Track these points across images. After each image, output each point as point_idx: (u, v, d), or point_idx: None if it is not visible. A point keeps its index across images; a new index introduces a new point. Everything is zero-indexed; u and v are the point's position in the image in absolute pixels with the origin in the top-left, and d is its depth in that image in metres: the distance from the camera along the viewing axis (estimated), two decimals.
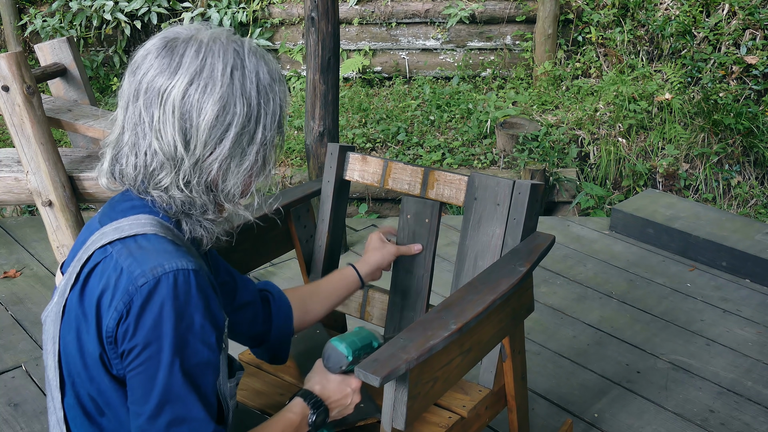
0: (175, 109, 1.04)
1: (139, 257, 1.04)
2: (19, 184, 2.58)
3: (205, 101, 1.05)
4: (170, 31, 1.10)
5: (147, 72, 1.06)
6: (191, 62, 1.05)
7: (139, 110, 1.06)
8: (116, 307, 1.02)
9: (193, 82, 1.04)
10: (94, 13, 5.70)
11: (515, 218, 1.60)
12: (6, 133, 5.18)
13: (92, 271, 1.07)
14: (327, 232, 1.90)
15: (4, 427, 2.26)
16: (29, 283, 3.12)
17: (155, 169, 1.08)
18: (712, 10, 5.08)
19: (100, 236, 1.09)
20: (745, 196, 4.33)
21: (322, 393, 1.28)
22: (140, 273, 1.02)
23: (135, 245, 1.06)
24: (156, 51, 1.06)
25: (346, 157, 1.87)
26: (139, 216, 1.10)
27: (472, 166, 4.51)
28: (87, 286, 1.07)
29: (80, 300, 1.08)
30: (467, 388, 1.64)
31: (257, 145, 1.11)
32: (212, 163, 1.08)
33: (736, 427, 2.27)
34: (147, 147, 1.07)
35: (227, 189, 1.11)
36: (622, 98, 4.73)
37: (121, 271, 1.03)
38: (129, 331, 1.02)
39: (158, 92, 1.05)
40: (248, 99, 1.08)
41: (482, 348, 1.44)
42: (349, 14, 5.57)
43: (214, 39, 1.08)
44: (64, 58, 2.87)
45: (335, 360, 1.29)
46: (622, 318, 2.85)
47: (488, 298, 1.36)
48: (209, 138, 1.06)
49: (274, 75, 1.13)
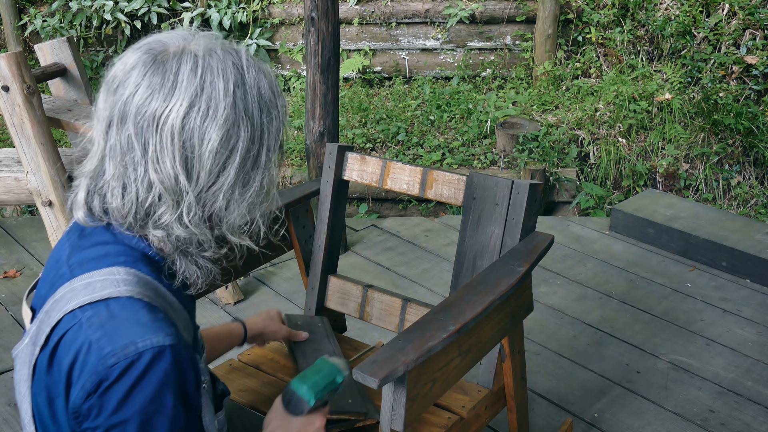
0: (174, 136, 0.93)
1: (109, 331, 0.92)
2: (19, 184, 2.58)
3: (209, 126, 0.94)
4: (154, 42, 0.97)
5: (134, 92, 0.93)
6: (189, 82, 0.93)
7: (128, 137, 0.94)
8: (83, 386, 0.92)
9: (194, 105, 0.93)
10: (94, 13, 5.70)
11: (514, 218, 1.60)
12: (6, 133, 5.18)
13: (62, 339, 0.96)
14: (326, 232, 1.90)
15: (4, 427, 2.26)
16: (29, 283, 3.12)
17: (153, 203, 0.96)
18: (712, 10, 5.08)
19: (69, 292, 0.97)
20: (745, 196, 4.33)
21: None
22: (110, 352, 0.90)
23: (106, 313, 0.93)
24: (142, 66, 0.94)
25: (344, 157, 1.87)
26: (112, 270, 0.97)
27: (472, 166, 4.51)
28: (56, 355, 0.96)
29: (49, 368, 0.97)
30: (467, 388, 1.64)
31: (261, 169, 1.01)
32: (216, 192, 0.98)
33: (736, 427, 2.26)
34: (140, 179, 0.95)
35: (231, 220, 1.01)
36: (622, 98, 4.73)
37: (90, 345, 0.92)
38: (93, 410, 0.92)
39: (153, 117, 0.93)
40: (251, 119, 0.98)
41: (481, 348, 1.44)
42: (349, 14, 5.57)
43: (210, 52, 0.96)
44: (64, 58, 2.87)
45: (296, 405, 1.21)
46: (622, 318, 2.85)
47: (487, 299, 1.36)
48: (213, 165, 0.96)
49: (274, 89, 1.03)
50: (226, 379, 1.67)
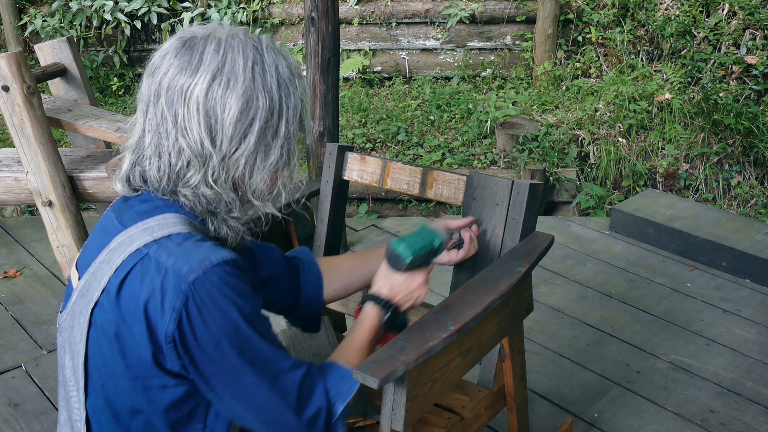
0: (199, 106, 1.05)
1: (181, 255, 1.04)
2: (19, 184, 2.58)
3: (229, 96, 1.06)
4: (187, 31, 1.11)
5: (167, 72, 1.07)
6: (212, 59, 1.06)
7: (162, 110, 1.07)
8: (173, 307, 1.02)
9: (216, 78, 1.05)
10: (94, 13, 5.70)
11: (514, 218, 1.60)
12: (6, 133, 5.18)
13: (128, 275, 1.06)
14: (326, 232, 1.90)
15: (4, 427, 2.26)
16: (29, 283, 3.12)
17: (182, 168, 1.09)
18: (712, 10, 5.08)
19: (128, 239, 1.08)
20: (745, 196, 4.33)
21: (390, 292, 1.34)
22: (189, 269, 1.02)
23: (172, 244, 1.06)
24: (174, 51, 1.07)
25: (344, 157, 1.87)
26: (166, 215, 1.10)
27: (472, 166, 4.51)
28: (123, 290, 1.06)
29: (117, 305, 1.06)
30: (467, 388, 1.64)
31: (281, 139, 1.12)
32: (239, 158, 1.09)
33: (736, 427, 2.27)
34: (172, 146, 1.08)
35: (254, 185, 1.13)
36: (622, 98, 4.73)
37: (166, 271, 1.03)
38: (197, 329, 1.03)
39: (181, 90, 1.05)
40: (270, 93, 1.09)
41: (481, 348, 1.44)
42: (349, 14, 5.57)
43: (233, 36, 1.09)
44: (64, 58, 2.87)
45: (395, 262, 1.35)
46: (622, 318, 2.85)
47: (487, 299, 1.36)
48: (234, 133, 1.07)
49: (293, 69, 1.13)
50: None
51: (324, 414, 1.14)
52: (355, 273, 1.53)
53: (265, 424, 1.12)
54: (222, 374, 1.07)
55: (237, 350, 1.06)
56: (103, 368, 1.11)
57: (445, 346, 1.25)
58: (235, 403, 1.10)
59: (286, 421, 1.11)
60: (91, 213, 4.14)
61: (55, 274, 3.18)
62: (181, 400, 1.11)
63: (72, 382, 1.16)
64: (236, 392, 1.09)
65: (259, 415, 1.11)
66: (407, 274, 1.37)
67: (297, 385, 1.12)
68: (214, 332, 1.04)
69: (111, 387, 1.12)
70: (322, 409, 1.14)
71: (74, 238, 2.60)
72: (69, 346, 1.16)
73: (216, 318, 1.03)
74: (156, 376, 1.08)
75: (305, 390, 1.13)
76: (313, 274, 1.49)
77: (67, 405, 1.19)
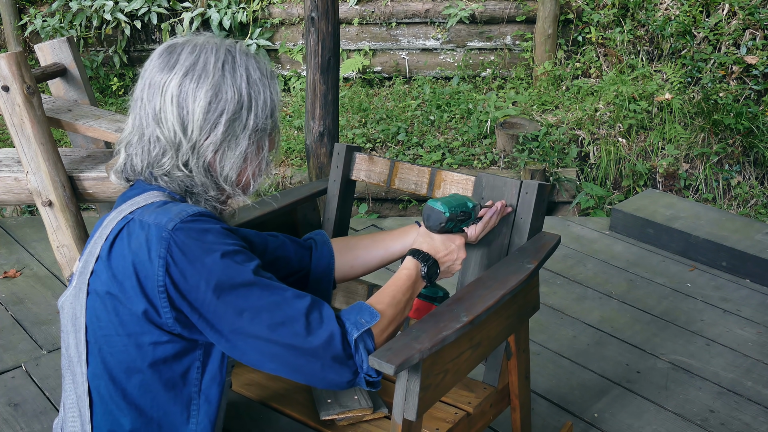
0: (173, 98, 1.16)
1: (161, 212, 1.14)
2: (19, 184, 2.58)
3: (199, 89, 1.16)
4: (172, 40, 1.24)
5: (150, 71, 1.19)
6: (186, 58, 1.18)
7: (144, 105, 1.19)
8: (159, 255, 1.11)
9: (188, 74, 1.17)
10: (94, 13, 5.70)
11: (522, 217, 1.62)
12: (6, 133, 5.18)
13: (116, 238, 1.16)
14: (332, 231, 1.91)
15: (4, 427, 2.26)
16: (29, 283, 3.12)
17: (158, 154, 1.20)
18: (712, 10, 5.08)
19: (117, 214, 1.19)
20: (745, 196, 4.33)
21: (430, 249, 1.42)
22: (168, 220, 1.12)
23: (154, 206, 1.16)
24: (158, 55, 1.20)
25: (352, 157, 1.88)
26: (151, 192, 1.21)
27: (472, 166, 4.51)
28: (113, 252, 1.15)
29: (108, 267, 1.15)
30: (473, 385, 1.65)
31: (249, 131, 1.21)
32: (208, 146, 1.19)
33: (736, 427, 2.27)
34: (150, 135, 1.19)
35: (224, 172, 1.22)
36: (622, 98, 4.73)
37: (149, 226, 1.13)
38: (185, 271, 1.10)
39: (159, 85, 1.17)
40: (239, 89, 1.19)
41: (491, 343, 1.46)
42: (349, 14, 5.57)
43: (208, 41, 1.21)
44: (64, 58, 2.87)
45: (435, 218, 1.41)
46: (622, 318, 2.85)
47: (498, 293, 1.38)
48: (204, 123, 1.18)
49: (263, 71, 1.23)
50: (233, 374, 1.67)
51: (339, 338, 1.15)
52: (373, 251, 1.57)
53: (275, 358, 1.14)
54: (220, 313, 1.12)
55: (229, 286, 1.11)
56: (99, 331, 1.17)
57: (458, 338, 1.27)
58: (241, 342, 1.13)
59: (294, 350, 1.13)
60: (91, 213, 4.14)
61: (55, 274, 3.18)
62: (173, 359, 1.16)
63: (76, 358, 1.21)
64: (238, 329, 1.12)
65: (266, 351, 1.13)
66: (445, 235, 1.44)
67: (303, 313, 1.14)
68: (201, 271, 1.10)
69: (106, 349, 1.17)
70: (335, 333, 1.15)
71: (74, 238, 2.60)
72: (72, 324, 1.21)
73: (200, 257, 1.11)
74: (148, 332, 1.14)
75: (313, 317, 1.15)
76: (325, 253, 1.53)
77: (73, 381, 1.22)
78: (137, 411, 1.18)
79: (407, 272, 1.35)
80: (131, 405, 1.18)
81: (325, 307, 1.18)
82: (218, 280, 1.11)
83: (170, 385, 1.18)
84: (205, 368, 1.20)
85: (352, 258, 1.56)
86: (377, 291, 1.31)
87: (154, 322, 1.13)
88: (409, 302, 1.32)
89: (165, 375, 1.17)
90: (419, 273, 1.37)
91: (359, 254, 1.56)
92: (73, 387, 1.23)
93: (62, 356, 1.26)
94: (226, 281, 1.11)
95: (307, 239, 1.55)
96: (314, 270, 1.52)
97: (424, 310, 1.49)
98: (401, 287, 1.32)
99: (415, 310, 1.49)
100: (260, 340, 1.13)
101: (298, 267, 1.50)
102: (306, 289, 1.52)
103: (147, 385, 1.17)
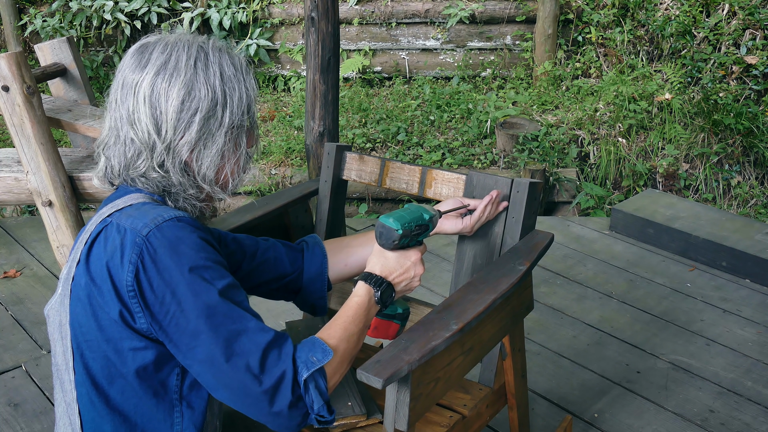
0: (145, 98, 1.15)
1: (138, 216, 1.13)
2: (19, 184, 2.58)
3: (171, 88, 1.15)
4: (144, 38, 1.21)
5: (123, 72, 1.18)
6: (158, 57, 1.16)
7: (118, 106, 1.18)
8: (130, 260, 1.09)
9: (160, 73, 1.15)
10: (94, 13, 5.70)
11: (514, 216, 1.60)
12: (6, 133, 5.18)
13: (94, 241, 1.15)
14: (325, 232, 1.90)
15: (4, 427, 2.26)
16: (29, 283, 3.12)
17: (133, 156, 1.18)
18: (712, 10, 5.08)
19: (97, 217, 1.19)
20: (745, 196, 4.33)
21: (383, 271, 1.33)
22: (143, 225, 1.11)
23: (132, 209, 1.15)
24: (131, 54, 1.19)
25: (343, 156, 1.87)
26: (131, 195, 1.20)
27: (472, 166, 4.51)
28: (91, 256, 1.14)
29: (87, 270, 1.14)
30: (468, 387, 1.64)
31: (225, 128, 1.19)
32: (183, 146, 1.18)
33: (736, 427, 2.26)
34: (125, 137, 1.18)
35: (202, 171, 1.21)
36: (622, 98, 4.73)
37: (125, 230, 1.11)
38: (152, 280, 1.09)
39: (131, 86, 1.16)
40: (212, 86, 1.17)
41: (483, 347, 1.44)
42: (349, 14, 5.57)
43: (180, 38, 1.19)
44: (64, 58, 2.87)
45: (387, 236, 1.33)
46: (622, 318, 2.85)
47: (488, 298, 1.36)
48: (178, 122, 1.16)
49: (238, 67, 1.21)
50: None
51: (290, 380, 1.11)
52: (368, 247, 1.55)
53: (226, 387, 1.10)
54: (180, 329, 1.09)
55: (192, 303, 1.09)
56: (81, 337, 1.15)
57: (448, 346, 1.25)
58: (196, 363, 1.10)
59: (245, 385, 1.09)
60: (91, 213, 4.14)
61: (55, 274, 3.18)
62: (152, 365, 1.14)
63: (63, 366, 1.19)
64: (194, 349, 1.09)
65: (219, 377, 1.10)
66: (399, 252, 1.35)
67: (262, 347, 1.10)
68: (169, 282, 1.09)
69: (88, 355, 1.16)
70: (287, 374, 1.11)
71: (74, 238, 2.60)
72: (59, 331, 1.19)
73: (169, 268, 1.09)
74: (126, 338, 1.13)
75: (272, 354, 1.11)
76: (317, 254, 1.51)
77: (62, 390, 1.21)
78: (121, 417, 1.17)
79: (358, 300, 1.27)
80: (114, 411, 1.16)
81: (286, 345, 1.13)
82: (182, 295, 1.08)
83: (152, 392, 1.16)
84: (185, 375, 1.18)
85: (346, 256, 1.54)
86: (330, 320, 1.25)
87: (131, 327, 1.12)
88: (363, 331, 1.26)
89: (146, 381, 1.15)
90: (372, 299, 1.29)
91: (353, 251, 1.54)
92: (62, 395, 1.22)
93: (52, 365, 1.24)
94: (190, 298, 1.09)
95: (299, 242, 1.54)
96: (307, 271, 1.50)
97: (383, 328, 1.42)
98: (353, 317, 1.25)
99: (373, 329, 1.41)
100: (214, 366, 1.09)
101: (291, 269, 1.49)
102: (301, 290, 1.51)
103: (129, 392, 1.15)
